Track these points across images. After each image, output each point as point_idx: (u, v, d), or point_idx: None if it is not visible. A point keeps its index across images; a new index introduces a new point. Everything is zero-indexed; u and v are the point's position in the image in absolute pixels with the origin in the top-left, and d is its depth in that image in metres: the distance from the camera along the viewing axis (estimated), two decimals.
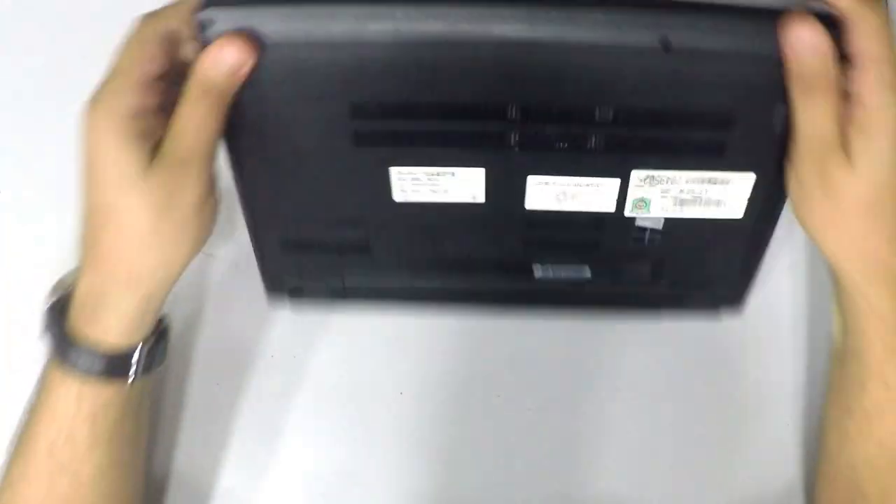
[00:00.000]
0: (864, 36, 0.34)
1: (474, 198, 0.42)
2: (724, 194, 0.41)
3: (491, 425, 0.50)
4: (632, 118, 0.38)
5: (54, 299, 0.42)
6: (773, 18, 0.34)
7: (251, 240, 0.46)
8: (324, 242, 0.44)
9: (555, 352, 0.51)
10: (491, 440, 0.50)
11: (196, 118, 0.37)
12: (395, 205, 0.42)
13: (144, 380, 0.43)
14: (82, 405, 0.41)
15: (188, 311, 0.51)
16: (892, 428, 0.43)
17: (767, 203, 0.41)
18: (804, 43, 0.34)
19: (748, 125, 0.38)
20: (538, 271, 0.46)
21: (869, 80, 0.34)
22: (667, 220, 0.43)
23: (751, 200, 0.41)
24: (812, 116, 0.36)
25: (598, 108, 0.38)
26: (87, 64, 0.42)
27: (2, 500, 0.44)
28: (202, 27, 0.35)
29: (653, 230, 0.43)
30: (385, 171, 0.41)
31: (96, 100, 0.37)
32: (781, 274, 0.50)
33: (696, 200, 0.42)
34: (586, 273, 0.45)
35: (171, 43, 0.37)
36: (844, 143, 0.36)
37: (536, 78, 0.37)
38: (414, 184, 0.41)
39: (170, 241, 0.39)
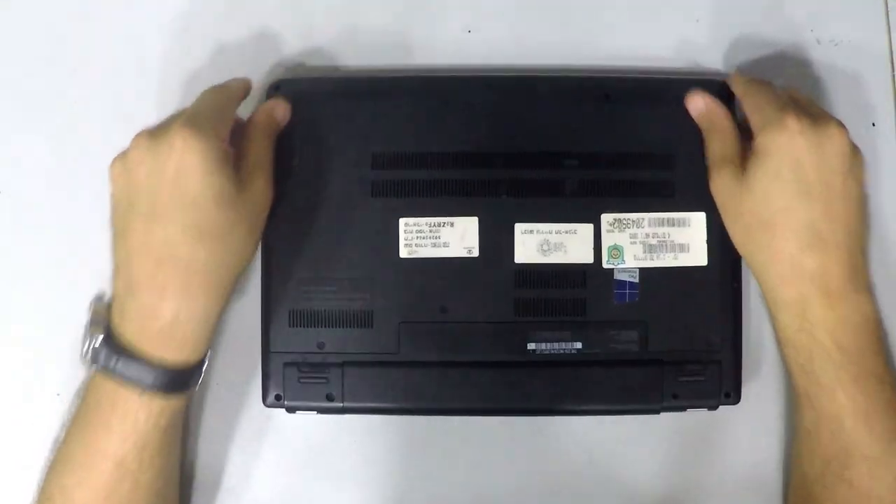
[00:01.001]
0: (750, 101, 0.48)
1: (470, 251, 0.48)
2: (685, 237, 0.48)
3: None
4: (592, 162, 0.48)
5: (104, 331, 0.44)
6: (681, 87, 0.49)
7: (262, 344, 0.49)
8: (329, 309, 0.48)
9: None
10: None
11: (262, 151, 0.46)
12: (399, 263, 0.48)
13: None
14: (160, 420, 0.44)
15: None
16: (827, 444, 0.45)
17: (724, 250, 0.47)
18: (699, 106, 0.49)
19: (688, 166, 0.48)
20: (532, 345, 0.48)
21: (756, 123, 0.47)
22: (642, 273, 0.48)
23: (710, 246, 0.48)
24: (713, 145, 0.48)
25: (565, 154, 0.48)
26: (87, 65, 0.51)
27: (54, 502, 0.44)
28: (274, 87, 0.48)
29: (631, 284, 0.47)
30: (395, 223, 0.48)
31: (195, 124, 0.42)
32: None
33: (662, 246, 0.48)
34: (577, 345, 0.47)
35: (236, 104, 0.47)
36: (745, 169, 0.46)
37: (515, 130, 0.48)
38: (418, 237, 0.48)
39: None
